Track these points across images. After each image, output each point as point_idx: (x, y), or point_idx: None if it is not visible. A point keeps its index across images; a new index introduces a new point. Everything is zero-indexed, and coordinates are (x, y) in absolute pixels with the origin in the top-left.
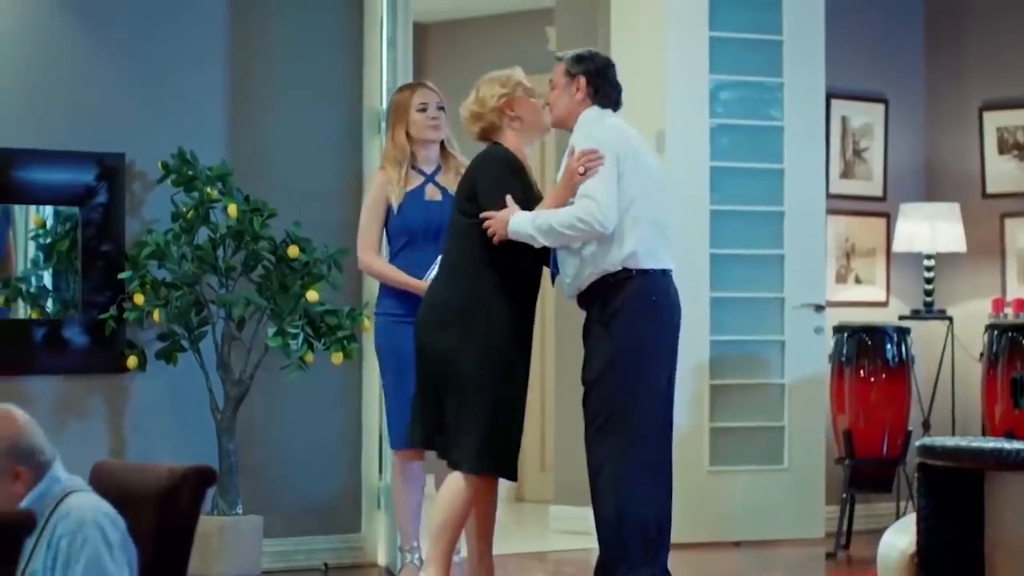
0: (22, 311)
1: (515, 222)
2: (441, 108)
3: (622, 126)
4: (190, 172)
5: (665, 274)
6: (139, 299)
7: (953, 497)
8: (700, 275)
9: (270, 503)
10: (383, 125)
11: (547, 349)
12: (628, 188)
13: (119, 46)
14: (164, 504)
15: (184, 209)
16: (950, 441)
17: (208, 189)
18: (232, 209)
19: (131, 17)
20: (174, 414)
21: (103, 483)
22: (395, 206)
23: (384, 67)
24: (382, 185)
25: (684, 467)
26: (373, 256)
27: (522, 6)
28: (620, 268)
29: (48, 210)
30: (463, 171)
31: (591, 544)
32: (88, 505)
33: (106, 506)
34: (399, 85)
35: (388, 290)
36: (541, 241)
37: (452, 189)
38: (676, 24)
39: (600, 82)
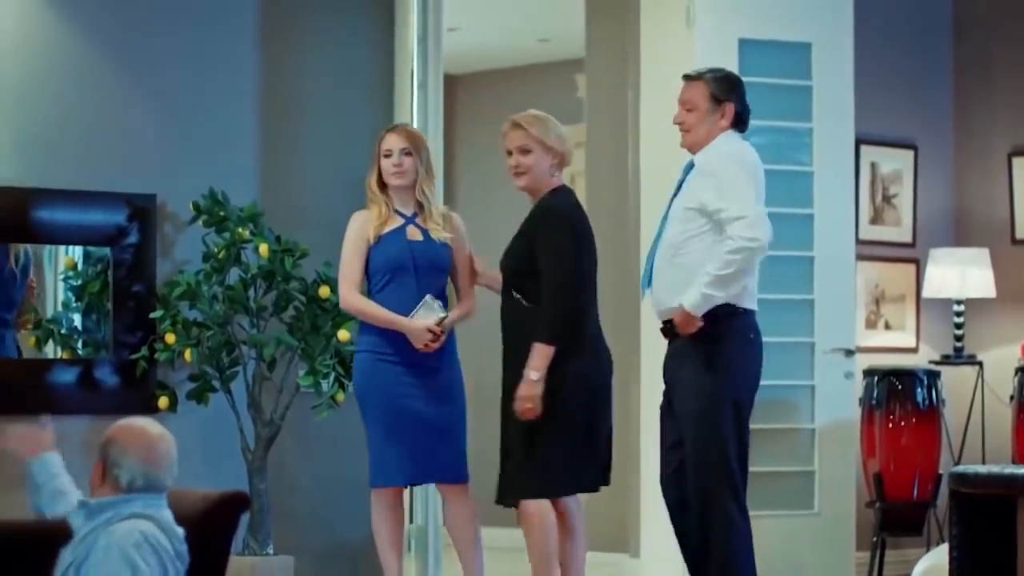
0: (53, 352)
1: (692, 304)
2: (407, 153)
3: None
4: (221, 212)
5: (755, 314)
6: (170, 339)
7: (985, 524)
8: None
9: (301, 544)
10: None
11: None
12: None
13: (150, 87)
14: (198, 530)
15: (215, 249)
16: (982, 468)
17: (239, 229)
18: (263, 249)
19: (163, 58)
20: (205, 454)
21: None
22: (372, 243)
23: (414, 109)
24: (362, 223)
25: None
26: (356, 294)
27: (551, 56)
28: (728, 303)
29: (79, 251)
30: (441, 218)
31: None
32: (132, 531)
33: (154, 538)
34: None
35: (371, 327)
36: (721, 295)
37: (434, 233)
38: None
39: (744, 109)
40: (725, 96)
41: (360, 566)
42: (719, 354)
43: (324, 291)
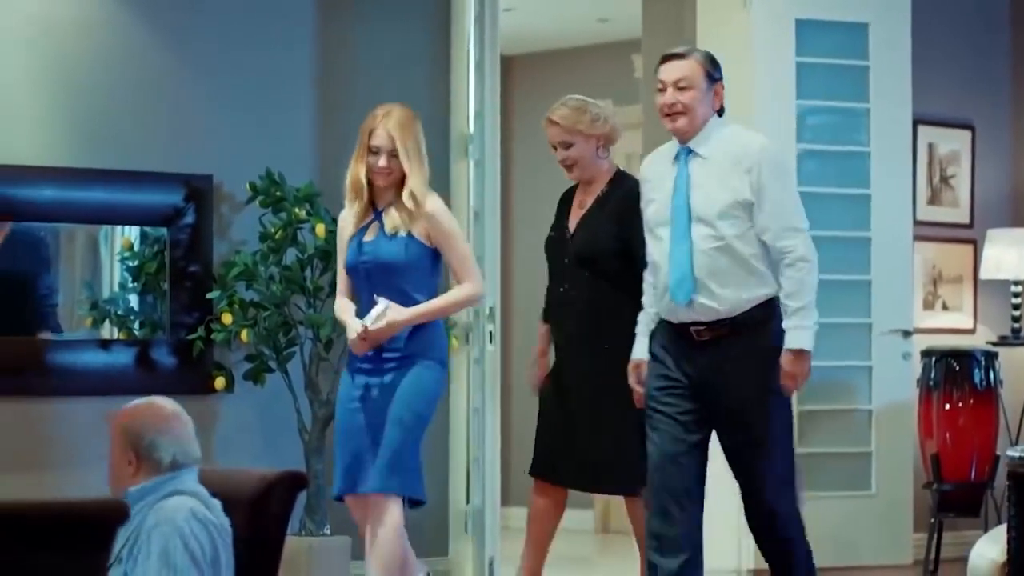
0: (109, 333)
1: (806, 343)
2: (394, 155)
3: None
4: (278, 193)
5: None
6: (227, 319)
7: None
8: None
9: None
10: (470, 148)
11: None
12: None
13: (207, 68)
14: (255, 510)
15: (272, 230)
16: None
17: (296, 210)
18: (320, 229)
19: (220, 39)
20: (262, 435)
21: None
22: (344, 244)
23: (471, 90)
24: (342, 228)
25: None
26: (337, 302)
27: (609, 37)
28: (774, 294)
29: (136, 231)
30: (416, 215)
31: None
32: (180, 506)
33: (201, 513)
34: (471, 120)
35: None
36: (816, 320)
37: (387, 225)
38: (763, 50)
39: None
40: (715, 74)
41: (416, 548)
42: (769, 349)
43: None
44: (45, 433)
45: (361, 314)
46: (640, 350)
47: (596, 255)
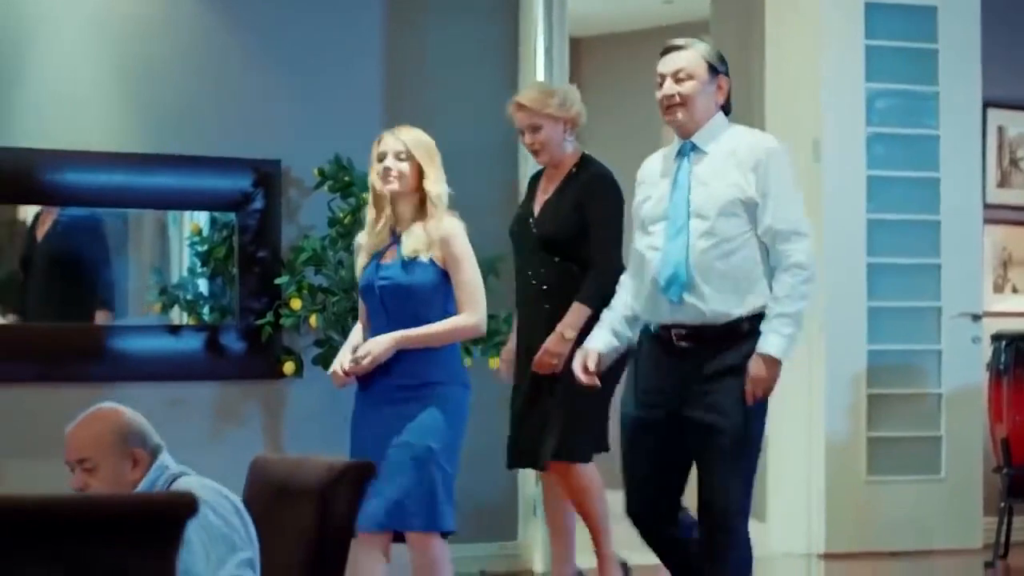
0: (178, 318)
1: (781, 351)
2: (401, 158)
3: None
4: (347, 178)
5: None
6: (296, 304)
7: None
8: (857, 284)
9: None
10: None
11: None
12: None
13: (275, 53)
14: (323, 499)
15: (341, 215)
16: None
17: (364, 194)
18: None
19: (288, 25)
20: (330, 420)
21: (262, 478)
22: (358, 270)
23: (540, 75)
24: (358, 250)
25: (841, 477)
26: (356, 327)
27: (676, 18)
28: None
29: (205, 216)
30: (435, 236)
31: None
32: (196, 485)
33: (214, 487)
34: None
35: None
36: (799, 332)
37: (404, 249)
38: (831, 32)
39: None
40: (719, 67)
41: (485, 532)
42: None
43: None
44: None
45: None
46: (596, 340)
47: (559, 239)
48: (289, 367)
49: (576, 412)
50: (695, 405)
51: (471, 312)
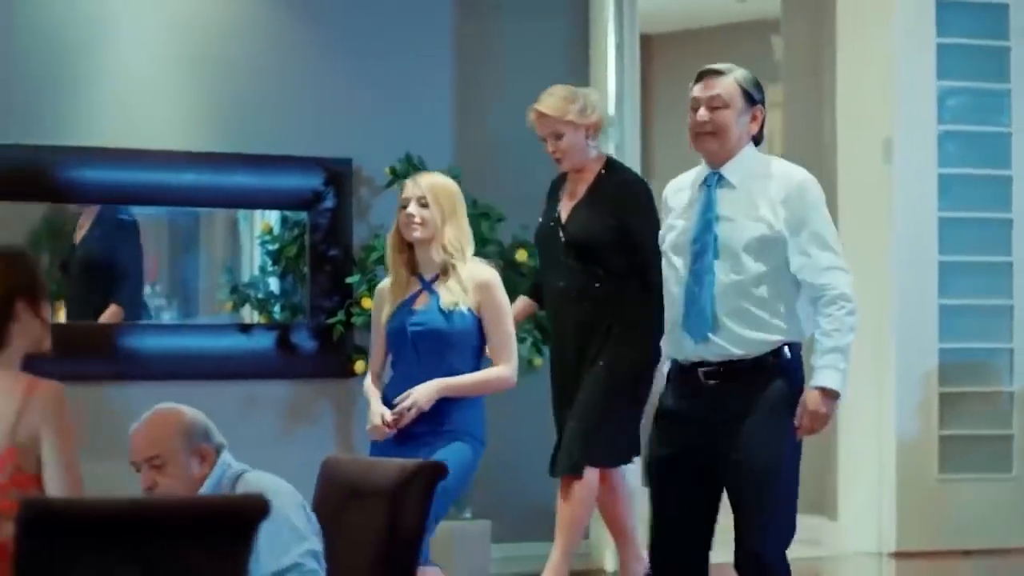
0: (249, 317)
1: (838, 385)
2: (424, 204)
3: None
4: None
5: None
6: (367, 303)
7: None
8: (929, 282)
9: (498, 508)
10: (610, 131)
11: None
12: None
13: (347, 53)
14: (394, 500)
15: None
16: None
17: None
18: None
19: (359, 24)
20: None
21: (333, 478)
22: (384, 316)
23: (611, 72)
24: (380, 299)
25: (913, 475)
26: (368, 379)
27: (747, 16)
28: (798, 339)
29: (276, 215)
30: (470, 285)
31: (821, 552)
32: (266, 478)
33: (279, 481)
34: (612, 101)
35: None
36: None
37: (444, 299)
38: (903, 30)
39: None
40: (756, 95)
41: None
42: (789, 400)
43: (521, 255)
44: None
45: (394, 390)
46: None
47: (592, 245)
48: (360, 366)
49: (591, 424)
50: (726, 444)
51: (507, 364)
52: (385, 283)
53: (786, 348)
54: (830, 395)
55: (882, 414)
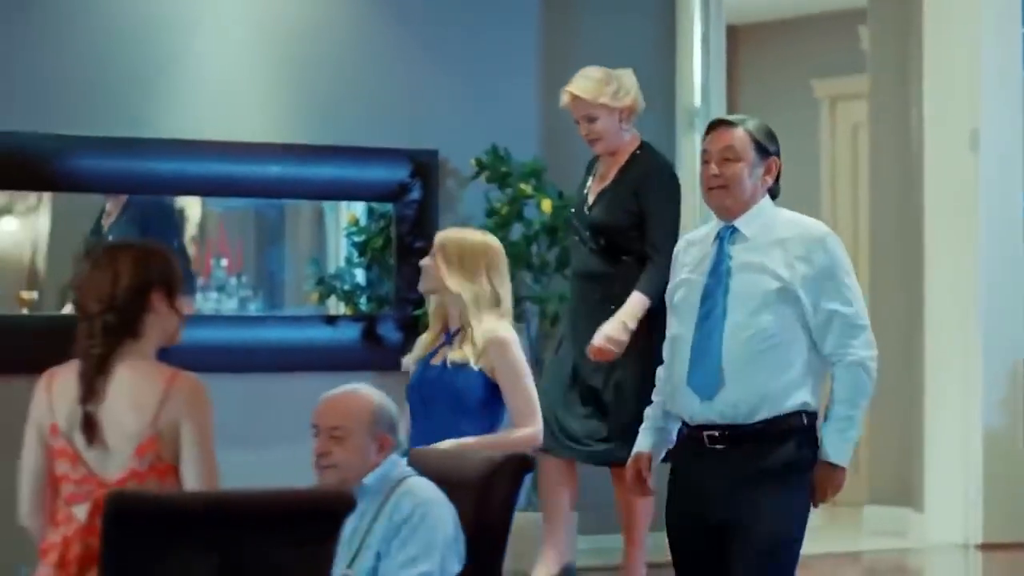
0: (335, 308)
1: (844, 458)
2: (434, 254)
3: None
4: (504, 168)
5: None
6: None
7: None
8: (1016, 272)
9: (584, 499)
10: (696, 122)
11: None
12: None
13: (433, 45)
14: (482, 492)
15: (498, 205)
16: None
17: (522, 185)
18: (546, 205)
19: (445, 16)
20: None
21: (420, 470)
22: (410, 368)
23: (697, 64)
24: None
25: (1000, 466)
26: None
27: (834, 6)
28: (813, 408)
29: (362, 207)
30: (480, 343)
31: (906, 544)
32: (432, 488)
33: (443, 495)
34: (698, 93)
35: None
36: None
37: (452, 355)
38: (990, 20)
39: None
40: (769, 147)
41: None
42: (799, 469)
43: None
44: (271, 409)
45: (410, 445)
46: (644, 443)
47: (613, 227)
48: None
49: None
50: (733, 511)
51: (530, 424)
52: (426, 335)
53: (799, 412)
54: (840, 469)
55: (968, 405)
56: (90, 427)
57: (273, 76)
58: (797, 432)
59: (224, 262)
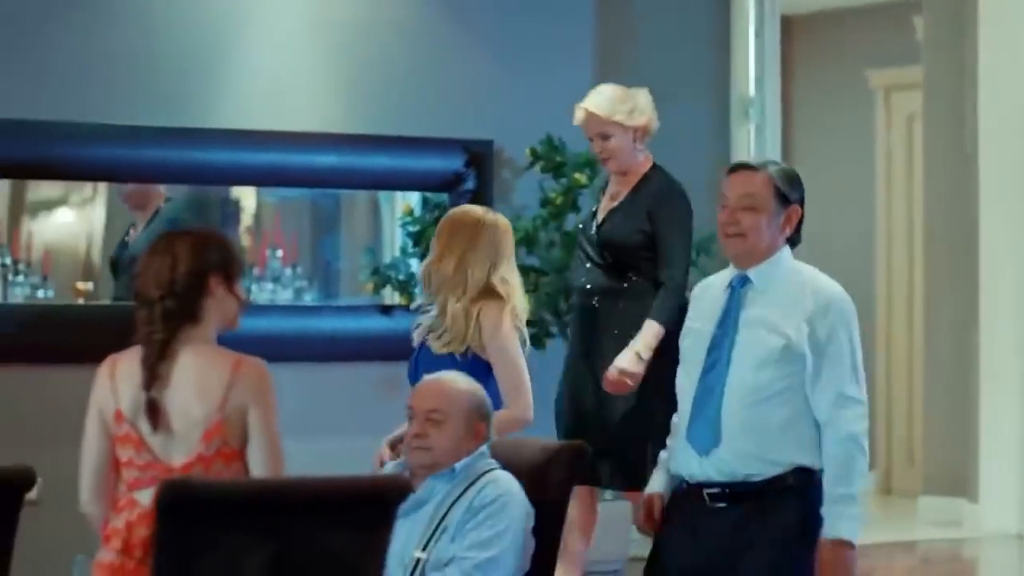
0: (390, 298)
1: (851, 535)
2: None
3: None
4: (559, 158)
5: None
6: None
7: None
8: None
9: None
10: (750, 112)
11: (915, 344)
12: None
13: (487, 34)
14: (537, 480)
15: (552, 195)
16: None
17: (577, 175)
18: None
19: (501, 6)
20: (543, 399)
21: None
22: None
23: (751, 55)
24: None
25: None
26: None
27: None
28: (814, 466)
29: (416, 197)
30: (473, 326)
31: (961, 534)
32: (516, 483)
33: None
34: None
35: None
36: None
37: (445, 350)
38: None
39: (802, 220)
40: (791, 195)
41: None
42: (806, 523)
43: None
44: (325, 398)
45: None
46: (656, 484)
47: (623, 246)
48: None
49: (631, 437)
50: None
51: (514, 406)
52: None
53: (801, 471)
54: (846, 547)
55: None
56: (154, 413)
57: (329, 66)
58: (798, 490)
59: (279, 253)
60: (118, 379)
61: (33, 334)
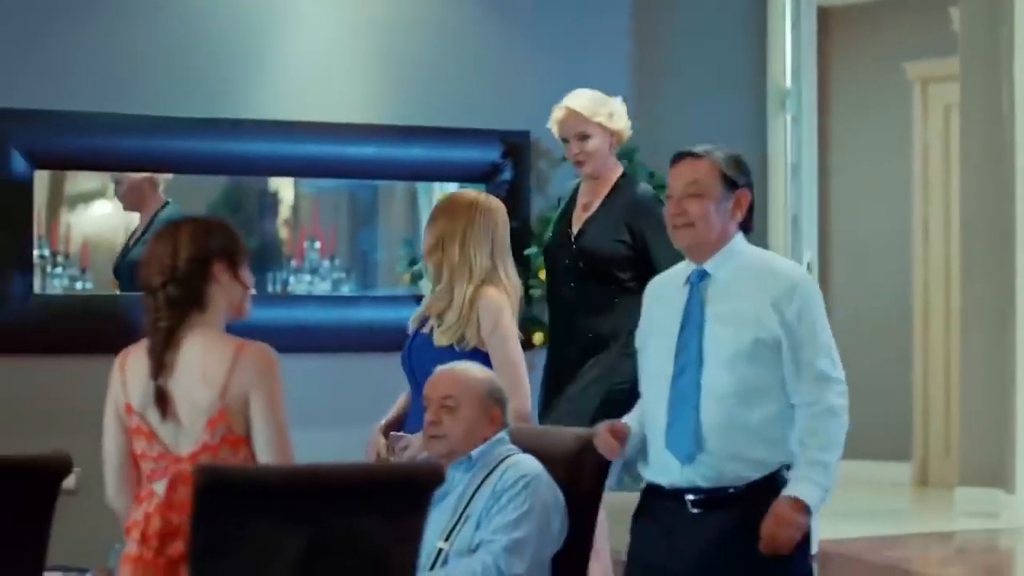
0: (428, 289)
1: (816, 502)
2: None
3: None
4: None
5: None
6: (544, 275)
7: None
8: None
9: None
10: (787, 103)
11: (952, 334)
12: None
13: (525, 25)
14: (571, 469)
15: None
16: None
17: None
18: None
19: None
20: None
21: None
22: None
23: (788, 46)
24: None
25: None
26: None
27: None
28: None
29: (454, 188)
30: (470, 314)
31: (998, 525)
32: (538, 464)
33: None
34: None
35: None
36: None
37: (446, 341)
38: None
39: (753, 204)
40: (739, 179)
41: None
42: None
43: None
44: (363, 389)
45: (411, 419)
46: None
47: (603, 257)
48: (538, 337)
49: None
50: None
51: (512, 399)
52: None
53: (786, 471)
54: (801, 508)
55: None
56: (162, 401)
57: (367, 57)
58: (781, 490)
59: (317, 244)
60: (128, 372)
61: (71, 325)
